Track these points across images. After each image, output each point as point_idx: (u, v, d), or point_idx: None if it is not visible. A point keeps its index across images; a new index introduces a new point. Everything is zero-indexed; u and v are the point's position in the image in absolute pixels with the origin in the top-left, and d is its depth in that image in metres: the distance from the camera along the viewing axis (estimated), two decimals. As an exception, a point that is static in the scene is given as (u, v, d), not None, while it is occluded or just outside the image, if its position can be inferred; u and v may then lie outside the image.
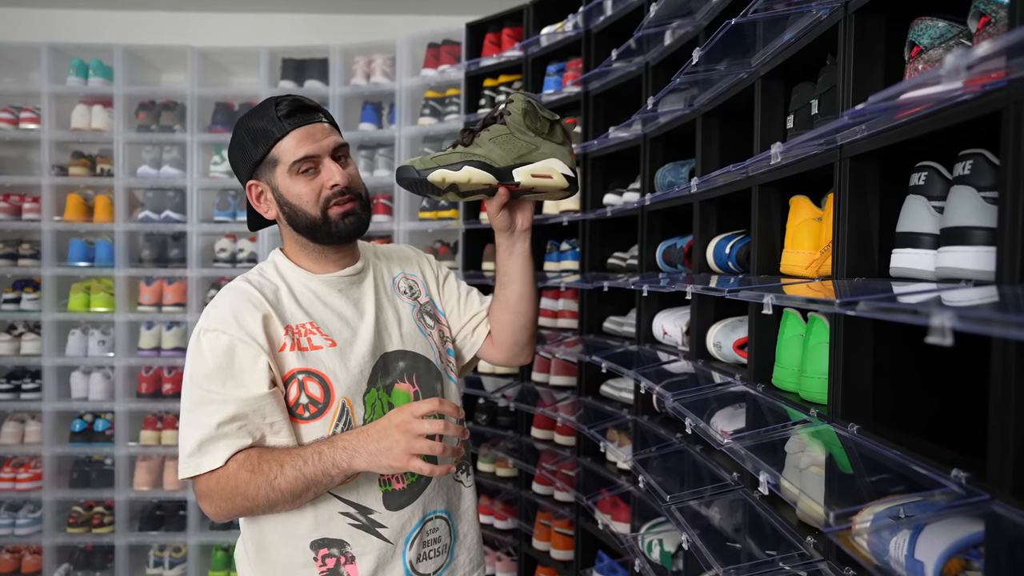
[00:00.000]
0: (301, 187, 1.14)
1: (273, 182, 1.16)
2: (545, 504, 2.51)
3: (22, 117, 3.22)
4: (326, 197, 1.15)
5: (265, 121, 1.14)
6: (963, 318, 0.49)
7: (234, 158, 1.20)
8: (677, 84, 1.53)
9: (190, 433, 1.10)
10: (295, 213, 1.16)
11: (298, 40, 3.30)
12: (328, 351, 1.15)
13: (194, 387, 1.11)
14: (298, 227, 1.17)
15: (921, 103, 0.76)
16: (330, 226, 1.15)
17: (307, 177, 1.14)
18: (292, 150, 1.13)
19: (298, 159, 1.13)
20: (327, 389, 1.14)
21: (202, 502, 1.12)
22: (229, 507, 1.09)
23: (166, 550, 3.19)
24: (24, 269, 3.21)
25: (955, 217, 0.81)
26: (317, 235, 1.17)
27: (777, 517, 1.19)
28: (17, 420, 3.21)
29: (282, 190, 1.15)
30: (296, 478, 1.06)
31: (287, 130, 1.13)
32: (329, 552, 1.15)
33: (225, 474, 1.08)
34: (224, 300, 1.14)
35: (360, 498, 1.15)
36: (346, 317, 1.20)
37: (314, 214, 1.15)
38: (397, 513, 1.17)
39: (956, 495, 0.73)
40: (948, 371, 1.01)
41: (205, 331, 1.11)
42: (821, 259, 1.17)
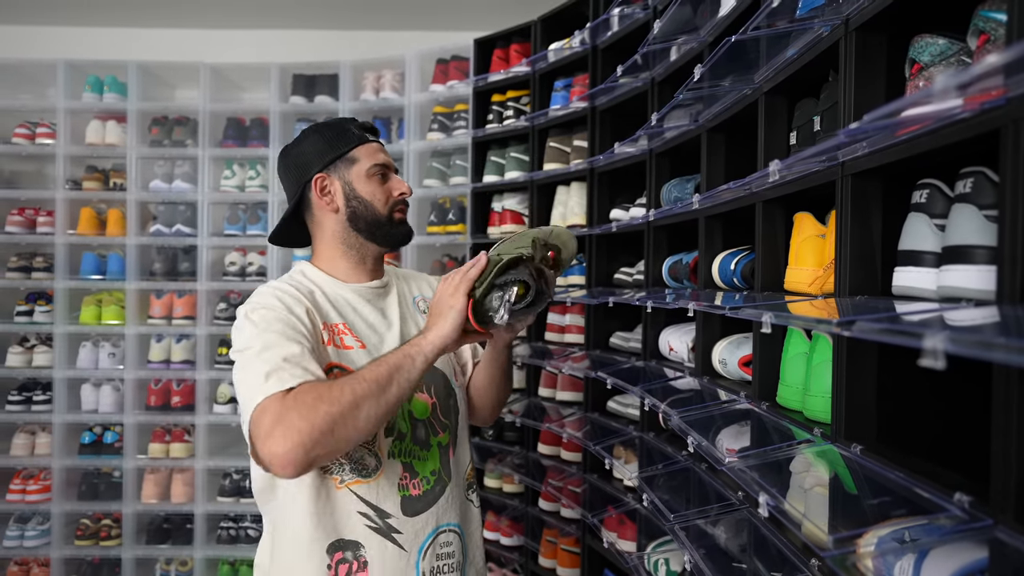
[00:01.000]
0: (375, 187, 1.27)
1: (346, 178, 1.26)
2: (551, 521, 2.48)
3: (38, 132, 3.28)
4: (394, 201, 1.28)
5: (343, 130, 1.28)
6: (956, 341, 0.48)
7: (300, 154, 1.28)
8: (681, 100, 1.53)
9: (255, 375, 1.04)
10: (364, 208, 1.26)
11: (308, 56, 3.34)
12: (358, 352, 1.20)
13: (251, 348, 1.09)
14: (360, 222, 1.26)
15: (920, 121, 0.75)
16: (392, 226, 1.28)
17: (380, 180, 1.27)
18: (372, 155, 1.27)
19: (378, 164, 1.27)
20: None
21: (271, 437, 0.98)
22: (309, 425, 0.97)
23: (172, 563, 3.19)
24: (37, 282, 3.25)
25: (956, 235, 0.80)
26: (376, 232, 1.27)
27: (782, 538, 1.17)
28: (28, 432, 3.23)
29: (356, 186, 1.26)
30: (378, 366, 1.06)
31: (368, 139, 1.29)
32: (343, 557, 1.16)
33: (300, 392, 1.01)
34: (267, 291, 1.19)
35: (379, 500, 1.18)
36: (374, 325, 1.26)
37: (382, 212, 1.27)
38: (413, 520, 1.20)
39: (959, 519, 0.71)
40: (952, 390, 1.00)
41: (254, 309, 1.14)
42: (824, 276, 1.15)
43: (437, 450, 1.25)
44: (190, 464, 3.19)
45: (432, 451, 1.24)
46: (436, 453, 1.25)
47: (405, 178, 3.11)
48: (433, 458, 1.24)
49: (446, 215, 3.02)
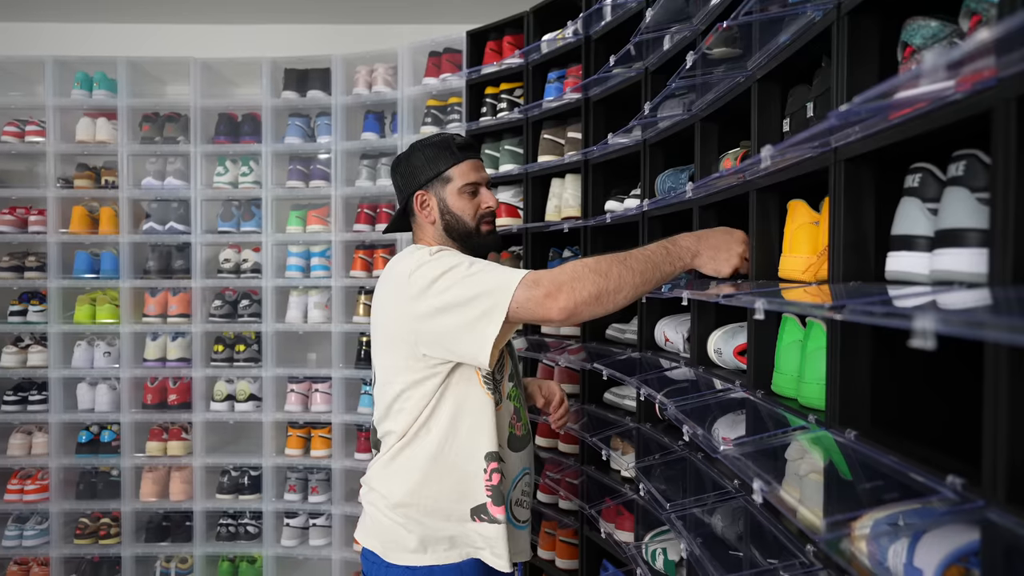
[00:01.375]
0: (465, 203, 1.47)
1: (441, 195, 1.47)
2: (550, 513, 2.49)
3: (27, 130, 3.26)
4: (481, 214, 1.49)
5: (444, 149, 1.47)
6: (946, 321, 0.48)
7: (408, 171, 1.49)
8: (673, 89, 1.52)
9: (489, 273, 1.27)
10: (457, 222, 1.48)
11: (300, 50, 3.32)
12: None
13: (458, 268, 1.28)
14: (453, 233, 1.48)
15: (912, 103, 0.75)
16: (479, 237, 1.49)
17: (469, 196, 1.48)
18: (464, 174, 1.47)
19: (469, 182, 1.47)
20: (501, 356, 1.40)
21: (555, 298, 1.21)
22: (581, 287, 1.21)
23: (172, 561, 3.19)
24: (30, 281, 3.24)
25: (949, 219, 0.80)
26: (468, 242, 1.48)
27: (778, 525, 1.18)
28: (24, 432, 3.22)
29: (449, 203, 1.47)
30: (644, 260, 1.26)
31: (462, 159, 1.48)
32: (497, 467, 1.37)
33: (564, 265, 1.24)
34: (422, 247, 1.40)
35: (498, 433, 1.40)
36: None
37: (471, 225, 1.48)
38: (513, 455, 1.44)
39: (952, 502, 0.71)
40: (946, 375, 1.00)
41: (433, 253, 1.33)
42: (818, 263, 1.15)
43: (521, 406, 1.51)
44: (188, 462, 3.19)
45: (523, 403, 1.52)
46: (524, 407, 1.52)
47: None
48: (525, 409, 1.52)
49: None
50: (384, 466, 1.43)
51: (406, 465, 1.40)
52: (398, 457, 1.41)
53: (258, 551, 3.18)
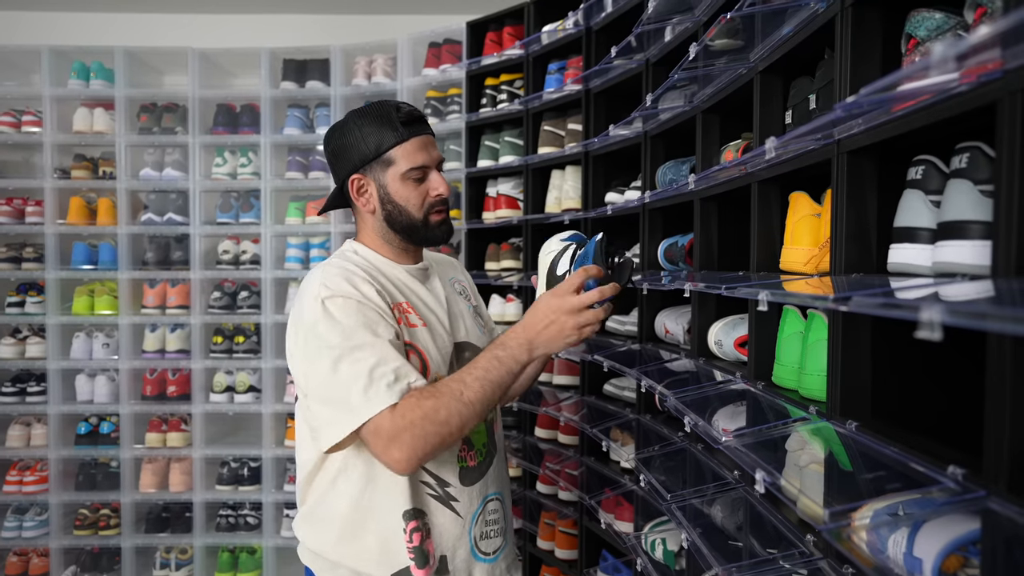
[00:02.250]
0: (409, 191, 1.24)
1: (381, 180, 1.24)
2: (549, 504, 2.50)
3: (24, 120, 3.24)
4: (430, 203, 1.26)
5: (384, 123, 1.22)
6: (953, 312, 0.48)
7: (340, 149, 1.25)
8: (676, 80, 1.52)
9: (347, 387, 1.09)
10: (398, 212, 1.25)
11: (299, 41, 3.30)
12: (422, 330, 1.24)
13: (337, 347, 1.10)
14: (395, 225, 1.26)
15: (916, 95, 0.75)
16: (427, 229, 1.27)
17: (416, 183, 1.24)
18: (409, 157, 1.23)
19: (414, 167, 1.23)
20: (424, 365, 1.22)
21: (388, 450, 1.08)
22: (422, 443, 1.07)
23: (172, 552, 3.19)
24: (28, 272, 3.23)
25: (952, 211, 0.80)
26: (413, 235, 1.27)
27: (778, 515, 1.18)
28: (23, 423, 3.22)
29: (390, 190, 1.24)
30: (482, 386, 1.11)
31: (406, 137, 1.22)
32: (416, 526, 1.20)
33: (407, 408, 1.07)
34: (335, 273, 1.17)
35: (440, 470, 1.23)
36: (429, 304, 1.29)
37: (417, 217, 1.25)
38: (468, 489, 1.26)
39: (953, 492, 0.72)
40: (947, 367, 1.00)
41: (329, 298, 1.13)
42: (820, 255, 1.16)
43: (484, 423, 1.31)
44: (188, 453, 3.19)
45: (482, 424, 1.30)
46: (484, 426, 1.31)
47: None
48: (483, 431, 1.30)
49: (440, 200, 3.00)
50: (303, 517, 1.28)
51: (324, 519, 1.24)
52: (316, 509, 1.25)
53: (258, 542, 3.19)
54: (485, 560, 1.28)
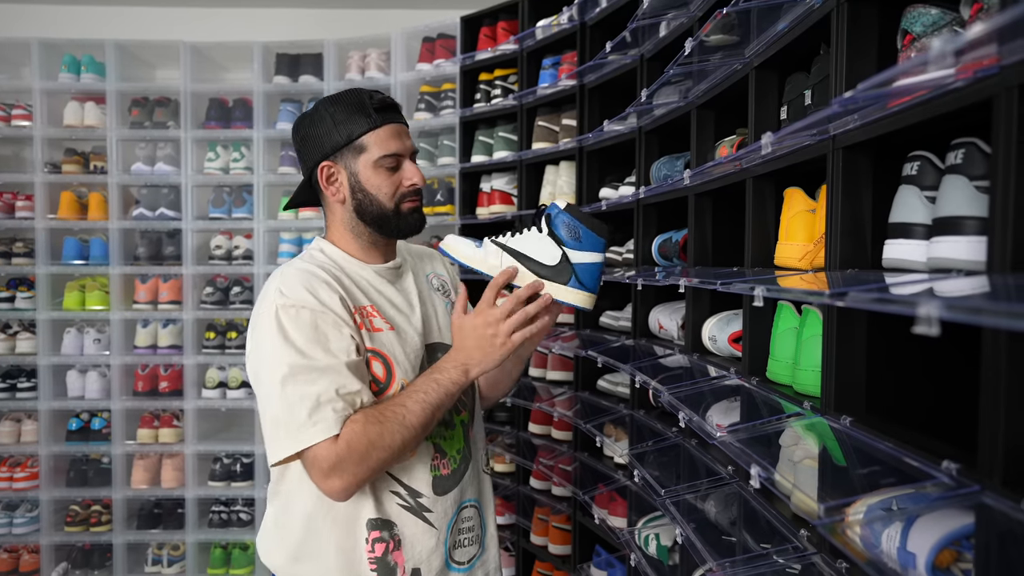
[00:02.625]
0: (382, 179, 1.19)
1: (353, 168, 1.19)
2: (543, 499, 2.50)
3: (14, 114, 3.20)
4: (402, 193, 1.21)
5: (357, 109, 1.18)
6: (951, 308, 0.48)
7: (310, 136, 1.20)
8: (671, 76, 1.52)
9: (290, 409, 1.06)
10: (370, 202, 1.20)
11: (292, 35, 3.28)
12: (388, 334, 1.19)
13: (285, 364, 1.08)
14: (365, 215, 1.21)
15: (913, 91, 0.75)
16: (399, 219, 1.21)
17: (388, 172, 1.19)
18: (382, 144, 1.18)
19: (388, 154, 1.18)
20: (389, 370, 1.17)
21: (329, 479, 1.06)
22: (365, 469, 1.07)
23: (164, 548, 3.18)
24: (18, 267, 3.20)
25: (947, 207, 0.80)
26: (384, 226, 1.22)
27: (772, 510, 1.19)
28: (13, 419, 3.20)
29: (361, 178, 1.19)
30: (423, 409, 1.10)
31: (380, 123, 1.18)
32: (380, 536, 1.16)
33: (352, 436, 1.06)
34: (294, 278, 1.14)
35: (411, 480, 1.19)
36: (398, 305, 1.24)
37: (388, 206, 1.20)
38: (442, 498, 1.22)
39: (947, 486, 0.72)
40: (942, 363, 1.01)
41: (283, 308, 1.10)
42: (815, 251, 1.16)
43: (460, 428, 1.27)
44: (180, 449, 3.18)
45: (456, 430, 1.26)
46: (460, 432, 1.27)
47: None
48: (458, 437, 1.26)
49: (434, 196, 3.00)
50: (265, 530, 1.25)
51: (282, 533, 1.21)
52: (280, 517, 1.22)
53: (250, 538, 3.18)
54: (459, 570, 1.24)
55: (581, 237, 1.14)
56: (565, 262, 1.14)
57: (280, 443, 1.08)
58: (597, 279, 1.17)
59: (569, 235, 1.14)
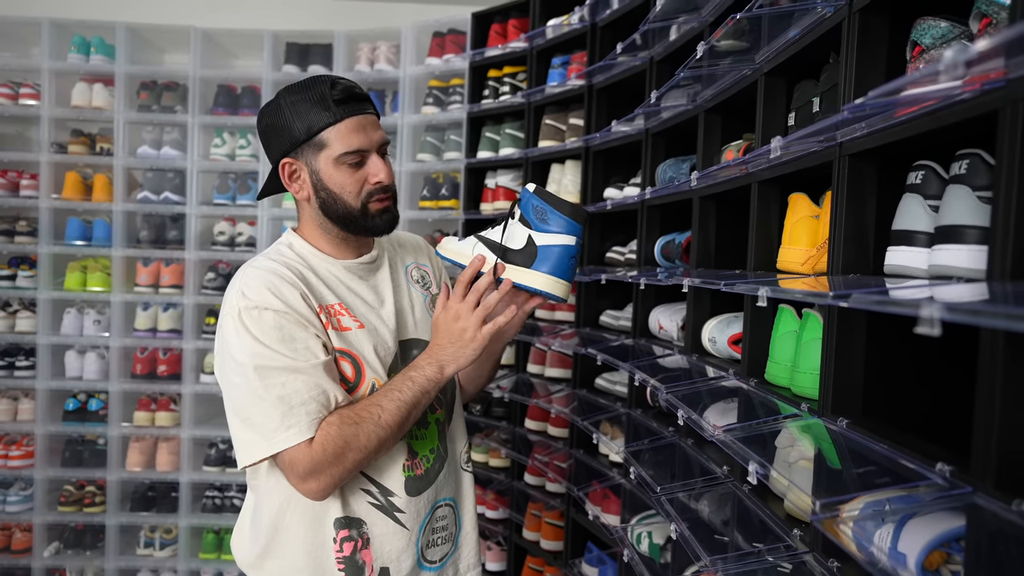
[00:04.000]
0: (345, 177, 1.13)
1: (314, 165, 1.13)
2: (537, 495, 2.52)
3: (22, 93, 3.21)
4: (368, 191, 1.15)
5: (317, 101, 1.11)
6: (952, 309, 0.50)
7: (271, 129, 1.15)
8: (680, 79, 1.53)
9: (263, 412, 1.05)
10: (333, 200, 1.14)
11: (303, 24, 3.29)
12: (357, 332, 1.16)
13: (251, 366, 1.05)
14: (331, 214, 1.16)
15: (921, 100, 0.77)
16: (367, 219, 1.16)
17: (352, 168, 1.13)
18: (344, 140, 1.11)
19: (349, 151, 1.11)
20: (359, 369, 1.15)
21: (306, 481, 1.06)
22: (341, 470, 1.06)
23: (157, 531, 3.20)
24: (20, 246, 3.21)
25: (950, 216, 0.82)
26: (350, 225, 1.17)
27: (766, 510, 1.21)
28: (10, 397, 3.21)
29: (323, 176, 1.13)
30: (398, 408, 1.08)
31: (340, 117, 1.11)
32: (348, 535, 1.14)
33: (328, 439, 1.04)
34: (256, 278, 1.10)
35: (383, 478, 1.17)
36: (369, 302, 1.20)
37: (354, 205, 1.15)
38: (415, 499, 1.19)
39: (940, 488, 0.74)
40: (939, 368, 1.03)
41: (246, 310, 1.07)
42: (817, 256, 1.18)
43: (435, 427, 1.25)
44: (176, 433, 3.19)
45: (430, 429, 1.23)
46: (434, 430, 1.24)
47: (398, 153, 3.10)
48: (431, 436, 1.23)
49: (439, 190, 3.01)
50: (239, 528, 1.23)
51: (253, 529, 1.19)
52: (249, 517, 1.20)
53: (243, 524, 3.19)
54: (430, 568, 1.22)
55: (548, 219, 1.10)
56: (530, 244, 1.10)
57: (252, 447, 1.06)
58: (566, 264, 1.11)
59: (536, 216, 1.10)
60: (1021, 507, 0.64)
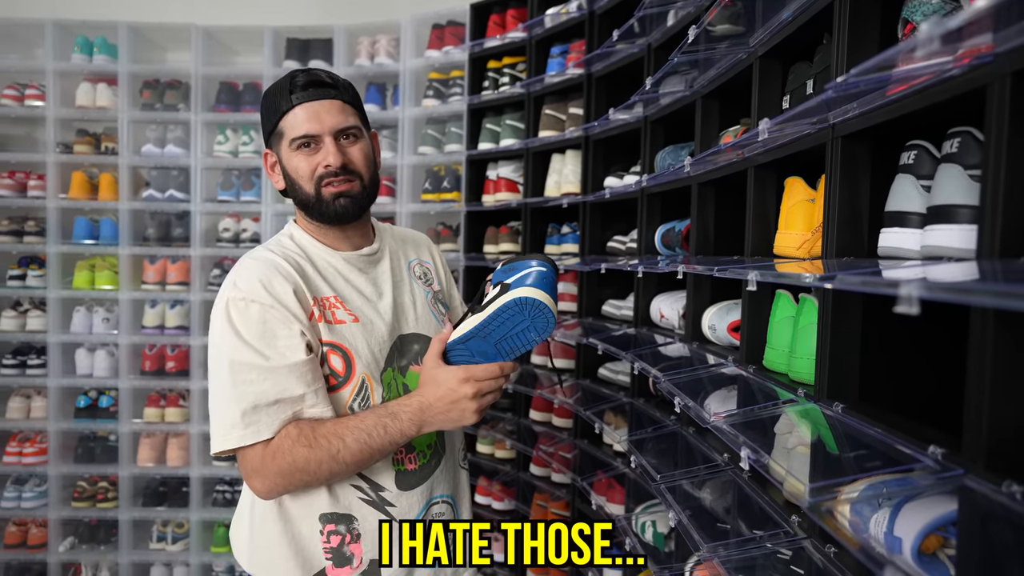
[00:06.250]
0: (300, 162, 1.16)
1: (281, 154, 1.18)
2: (542, 486, 2.53)
3: (27, 94, 3.23)
4: (319, 175, 1.15)
5: (278, 93, 1.16)
6: (931, 288, 0.49)
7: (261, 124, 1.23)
8: (676, 64, 1.52)
9: (227, 405, 1.07)
10: (294, 188, 1.18)
11: (302, 20, 3.29)
12: (351, 326, 1.15)
13: (226, 359, 1.07)
14: (297, 202, 1.20)
15: (910, 78, 0.75)
16: (322, 204, 1.16)
17: (306, 153, 1.15)
18: (296, 126, 1.14)
19: (298, 136, 1.14)
20: (349, 364, 1.14)
21: (251, 480, 1.08)
22: (286, 483, 1.08)
23: (169, 525, 3.23)
24: (29, 246, 3.24)
25: (941, 195, 0.81)
26: (310, 211, 1.18)
27: (765, 496, 1.20)
28: (23, 395, 3.25)
29: (285, 163, 1.18)
30: (361, 450, 1.07)
31: (293, 104, 1.14)
32: (335, 529, 1.14)
33: (280, 450, 1.06)
34: (251, 269, 1.12)
35: (373, 473, 1.16)
36: (366, 295, 1.20)
37: (308, 191, 1.16)
38: (407, 493, 1.19)
39: (932, 470, 0.73)
40: (935, 351, 1.01)
41: (233, 300, 1.09)
42: (813, 240, 1.16)
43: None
44: (185, 428, 3.22)
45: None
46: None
47: (399, 146, 3.09)
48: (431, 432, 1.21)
49: (441, 183, 3.01)
50: (235, 518, 1.25)
51: (244, 520, 1.21)
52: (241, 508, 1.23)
53: (254, 518, 3.22)
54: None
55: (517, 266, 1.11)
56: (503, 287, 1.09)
57: (217, 438, 1.08)
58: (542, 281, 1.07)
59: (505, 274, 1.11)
60: (1011, 489, 0.63)
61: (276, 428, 1.06)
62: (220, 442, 1.08)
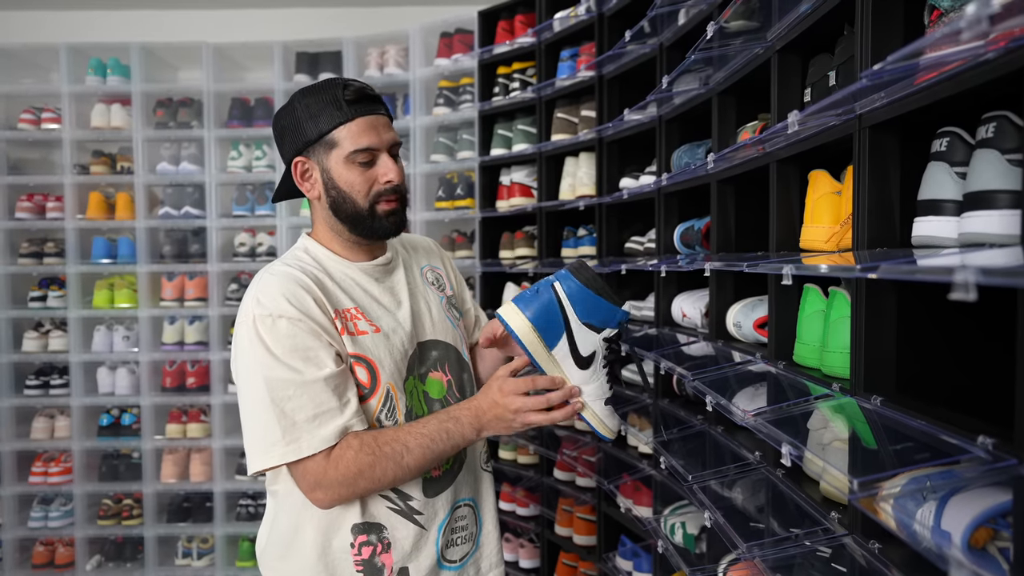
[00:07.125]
0: (355, 176, 1.14)
1: (325, 164, 1.15)
2: (567, 490, 2.51)
3: (43, 118, 3.28)
4: (377, 191, 1.15)
5: (329, 101, 1.12)
6: (987, 273, 0.48)
7: (284, 129, 1.17)
8: (692, 62, 1.51)
9: (266, 423, 1.06)
10: (343, 200, 1.15)
11: (311, 33, 3.32)
12: (373, 336, 1.15)
13: (261, 377, 1.06)
14: (340, 214, 1.17)
15: (942, 64, 0.74)
16: (374, 220, 1.16)
17: (362, 168, 1.14)
18: (354, 138, 1.12)
19: (359, 148, 1.13)
20: (374, 375, 1.14)
21: (312, 492, 1.08)
22: (349, 492, 1.08)
23: (194, 541, 3.24)
24: (49, 267, 3.27)
25: (978, 181, 0.79)
26: (358, 226, 1.17)
27: (801, 494, 1.19)
28: (47, 415, 3.28)
29: (334, 174, 1.15)
30: (424, 455, 1.09)
31: (352, 116, 1.12)
32: (367, 540, 1.15)
33: (342, 460, 1.06)
34: (272, 284, 1.11)
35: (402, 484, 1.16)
36: (385, 305, 1.20)
37: (362, 205, 1.15)
38: (432, 500, 1.19)
39: (983, 461, 0.72)
40: (973, 341, 1.00)
41: (260, 317, 1.08)
42: (841, 232, 1.15)
43: None
44: (207, 444, 3.23)
45: None
46: None
47: (411, 155, 3.10)
48: None
49: (454, 190, 3.01)
50: (261, 530, 1.24)
51: (272, 531, 1.20)
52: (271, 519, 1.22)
53: (278, 531, 3.23)
54: (451, 568, 1.22)
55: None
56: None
57: (266, 455, 1.07)
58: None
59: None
60: (1069, 476, 0.61)
61: (319, 442, 1.06)
62: (262, 460, 1.07)
